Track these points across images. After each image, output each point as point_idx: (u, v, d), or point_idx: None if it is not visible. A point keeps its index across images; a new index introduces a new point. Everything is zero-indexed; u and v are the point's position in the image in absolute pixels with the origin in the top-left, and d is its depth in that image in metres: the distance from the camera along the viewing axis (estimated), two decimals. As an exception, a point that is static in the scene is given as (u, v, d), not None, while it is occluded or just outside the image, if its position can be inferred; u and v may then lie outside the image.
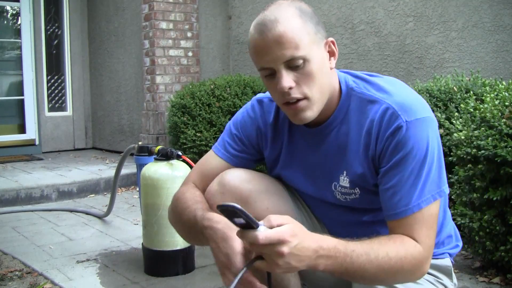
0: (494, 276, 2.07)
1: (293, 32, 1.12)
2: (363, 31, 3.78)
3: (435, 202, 1.15)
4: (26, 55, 5.61)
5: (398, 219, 1.14)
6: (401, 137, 1.13)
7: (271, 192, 1.34)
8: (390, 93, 1.18)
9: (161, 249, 2.19)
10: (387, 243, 1.09)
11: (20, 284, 2.14)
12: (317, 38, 1.17)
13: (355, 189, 1.26)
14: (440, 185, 1.16)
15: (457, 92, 2.57)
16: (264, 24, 1.14)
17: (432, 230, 1.14)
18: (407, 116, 1.14)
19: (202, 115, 3.80)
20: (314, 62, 1.15)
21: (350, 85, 1.24)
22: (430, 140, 1.14)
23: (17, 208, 3.58)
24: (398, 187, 1.14)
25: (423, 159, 1.13)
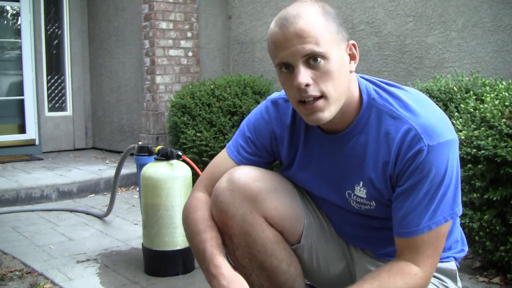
0: (494, 276, 2.07)
1: (314, 27, 1.10)
2: (363, 31, 3.78)
3: (446, 224, 1.16)
4: (26, 55, 5.61)
5: (406, 238, 1.16)
6: (421, 161, 1.12)
7: (280, 191, 1.34)
8: (414, 113, 1.15)
9: (161, 249, 2.19)
10: (387, 283, 1.12)
11: (20, 284, 2.14)
12: (338, 38, 1.14)
13: (371, 201, 1.25)
14: (453, 207, 1.16)
15: (457, 92, 2.57)
16: (286, 19, 1.13)
17: (437, 251, 1.17)
18: (430, 140, 1.11)
19: (202, 115, 3.80)
20: (334, 61, 1.12)
21: (372, 95, 1.21)
22: (449, 163, 1.13)
23: (17, 208, 3.58)
24: (411, 208, 1.15)
25: (440, 182, 1.13)
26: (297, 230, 1.35)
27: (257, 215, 1.29)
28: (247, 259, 1.33)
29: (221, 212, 1.31)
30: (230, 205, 1.29)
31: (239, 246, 1.32)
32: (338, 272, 1.42)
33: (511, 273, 2.02)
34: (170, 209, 2.16)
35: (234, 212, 1.29)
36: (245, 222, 1.28)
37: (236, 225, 1.29)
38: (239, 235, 1.30)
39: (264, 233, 1.30)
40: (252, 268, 1.34)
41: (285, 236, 1.34)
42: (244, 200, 1.28)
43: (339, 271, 1.42)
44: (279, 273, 1.32)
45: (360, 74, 1.28)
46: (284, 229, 1.33)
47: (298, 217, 1.35)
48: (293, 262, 1.35)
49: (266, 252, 1.30)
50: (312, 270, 1.42)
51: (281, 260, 1.32)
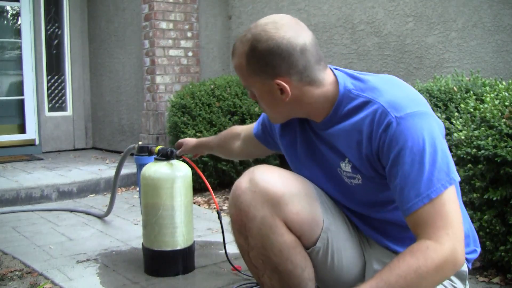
0: (494, 276, 2.07)
1: (240, 68, 1.31)
2: (363, 31, 3.78)
3: (447, 191, 1.13)
4: (26, 55, 5.61)
5: (412, 213, 1.14)
6: (393, 133, 1.16)
7: (302, 194, 1.33)
8: (381, 92, 1.22)
9: (161, 249, 2.19)
10: (396, 264, 1.08)
11: (20, 284, 2.15)
12: (261, 78, 1.28)
13: (357, 174, 1.30)
14: (449, 173, 1.15)
15: (457, 92, 2.57)
16: (232, 49, 1.34)
17: (449, 220, 1.11)
18: (396, 112, 1.17)
19: (202, 115, 3.80)
20: (259, 92, 1.32)
21: (348, 87, 1.28)
22: (425, 131, 1.15)
23: (17, 208, 3.58)
24: (403, 182, 1.15)
25: (422, 150, 1.13)
26: (315, 233, 1.34)
27: (277, 219, 1.28)
28: (261, 260, 1.32)
29: (240, 212, 1.30)
30: (252, 206, 1.28)
31: (255, 247, 1.31)
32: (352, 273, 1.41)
33: (511, 273, 2.02)
34: (170, 209, 2.16)
35: (255, 214, 1.28)
36: (264, 225, 1.28)
37: (255, 227, 1.29)
38: (256, 237, 1.29)
39: (283, 237, 1.29)
40: (264, 269, 1.33)
41: (302, 240, 1.33)
42: (266, 203, 1.28)
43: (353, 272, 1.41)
44: (292, 277, 1.32)
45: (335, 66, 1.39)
46: (303, 234, 1.32)
47: (317, 221, 1.34)
48: (307, 267, 1.35)
49: (282, 256, 1.30)
50: (325, 272, 1.40)
51: (296, 265, 1.32)
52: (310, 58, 1.25)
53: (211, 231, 2.92)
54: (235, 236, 1.36)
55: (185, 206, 2.20)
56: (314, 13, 4.12)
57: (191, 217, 2.25)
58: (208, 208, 3.52)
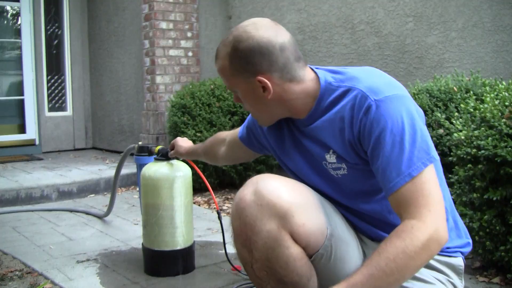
0: (494, 276, 2.07)
1: (223, 70, 1.36)
2: (363, 31, 3.78)
3: (427, 169, 1.16)
4: (26, 55, 5.62)
5: (394, 192, 1.16)
6: (373, 115, 1.20)
7: (308, 204, 1.32)
8: (359, 80, 1.27)
9: (161, 249, 2.19)
10: (384, 248, 1.09)
11: (20, 284, 2.15)
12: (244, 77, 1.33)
13: (342, 164, 1.32)
14: (428, 152, 1.18)
15: (457, 92, 2.57)
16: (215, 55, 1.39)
17: (430, 198, 1.14)
18: (375, 95, 1.21)
19: (202, 115, 3.80)
20: (243, 92, 1.37)
21: (328, 80, 1.33)
22: (404, 113, 1.19)
23: (17, 208, 3.58)
24: (385, 163, 1.18)
25: (402, 131, 1.17)
26: (319, 242, 1.33)
27: (284, 231, 1.26)
28: (265, 272, 1.30)
29: (245, 226, 1.28)
30: (258, 220, 1.26)
31: (259, 260, 1.29)
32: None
33: (511, 273, 2.02)
34: (170, 209, 2.16)
35: (261, 228, 1.26)
36: (270, 238, 1.26)
37: (261, 241, 1.26)
38: (261, 250, 1.27)
39: (289, 250, 1.27)
40: (268, 280, 1.31)
41: (307, 249, 1.32)
42: (273, 217, 1.25)
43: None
44: (297, 287, 1.31)
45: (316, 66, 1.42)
46: (308, 244, 1.31)
47: (322, 230, 1.32)
48: (312, 277, 1.34)
49: (288, 268, 1.28)
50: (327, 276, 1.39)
51: (302, 276, 1.30)
52: (289, 56, 1.31)
53: (211, 231, 2.92)
54: (238, 249, 1.33)
55: (185, 206, 2.20)
56: (314, 13, 4.12)
57: (191, 217, 2.25)
58: (208, 208, 3.52)
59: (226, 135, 1.85)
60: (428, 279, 1.31)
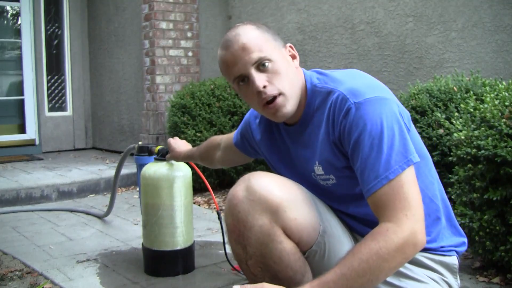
0: (494, 276, 2.07)
1: (255, 39, 1.29)
2: (363, 31, 3.78)
3: (405, 172, 1.16)
4: (26, 55, 5.62)
5: (371, 195, 1.17)
6: (352, 118, 1.21)
7: (299, 200, 1.33)
8: (342, 82, 1.28)
9: (161, 249, 2.19)
10: (358, 249, 1.11)
11: (20, 284, 2.15)
12: (277, 44, 1.32)
13: (330, 175, 1.33)
14: (406, 155, 1.18)
15: (457, 92, 2.57)
16: (229, 40, 1.31)
17: (407, 201, 1.14)
18: (355, 98, 1.22)
19: (202, 115, 3.80)
20: (279, 61, 1.30)
21: (314, 82, 1.35)
22: (384, 115, 1.19)
23: (17, 208, 3.58)
24: (363, 164, 1.19)
25: (380, 134, 1.17)
26: (312, 238, 1.34)
27: (276, 226, 1.27)
28: (259, 268, 1.31)
29: (238, 222, 1.29)
30: (250, 215, 1.27)
31: (253, 256, 1.30)
32: None
33: (511, 273, 2.02)
34: (170, 209, 2.16)
35: (253, 223, 1.27)
36: (263, 233, 1.27)
37: (254, 236, 1.28)
38: (255, 245, 1.28)
39: (282, 244, 1.28)
40: (263, 276, 1.32)
41: (300, 245, 1.33)
42: (265, 211, 1.27)
43: None
44: (292, 283, 1.31)
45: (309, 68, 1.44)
46: (301, 239, 1.32)
47: (314, 226, 1.33)
48: (307, 272, 1.35)
49: (282, 263, 1.29)
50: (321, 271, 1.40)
51: (296, 271, 1.31)
52: None
53: (211, 231, 2.92)
54: (232, 245, 1.35)
55: (185, 206, 2.20)
56: (314, 13, 4.12)
57: (191, 217, 2.25)
58: (208, 208, 3.53)
59: (221, 140, 1.84)
60: (422, 278, 1.31)
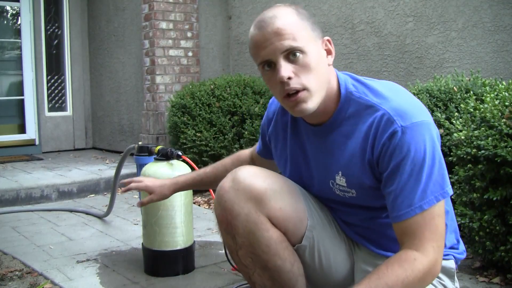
0: (494, 276, 2.07)
1: (290, 25, 1.19)
2: (363, 31, 3.78)
3: (439, 204, 1.16)
4: (26, 55, 5.61)
5: (401, 221, 1.16)
6: (397, 142, 1.16)
7: (285, 192, 1.35)
8: (386, 99, 1.21)
9: (161, 249, 2.19)
10: (385, 273, 1.11)
11: (20, 284, 2.15)
12: (314, 35, 1.23)
13: (352, 189, 1.29)
14: (443, 186, 1.17)
15: (457, 92, 2.57)
16: (264, 21, 1.22)
17: (436, 233, 1.16)
18: (402, 121, 1.16)
19: (202, 115, 3.80)
20: (311, 55, 1.21)
21: (349, 89, 1.28)
22: (427, 142, 1.16)
23: (17, 208, 3.58)
24: (399, 190, 1.16)
25: (422, 162, 1.15)
26: (300, 231, 1.35)
27: (261, 215, 1.29)
28: (250, 258, 1.33)
29: (225, 211, 1.31)
30: (235, 204, 1.29)
31: (242, 246, 1.32)
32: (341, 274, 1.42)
33: (511, 273, 2.02)
34: (170, 209, 2.16)
35: (239, 212, 1.29)
36: (249, 221, 1.29)
37: (241, 225, 1.30)
38: (243, 234, 1.30)
39: (268, 232, 1.30)
40: (254, 267, 1.34)
41: (287, 236, 1.35)
42: (249, 200, 1.29)
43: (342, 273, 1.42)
44: (282, 272, 1.33)
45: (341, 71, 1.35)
46: (288, 229, 1.34)
47: (301, 218, 1.35)
48: (296, 262, 1.36)
49: (270, 251, 1.31)
50: (314, 271, 1.42)
51: (285, 259, 1.33)
52: None
53: (211, 231, 2.92)
54: (223, 236, 1.37)
55: (185, 206, 2.20)
56: (314, 13, 4.12)
57: (191, 217, 2.25)
58: (208, 208, 3.52)
59: (250, 152, 1.75)
60: None
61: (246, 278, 1.40)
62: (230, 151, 3.66)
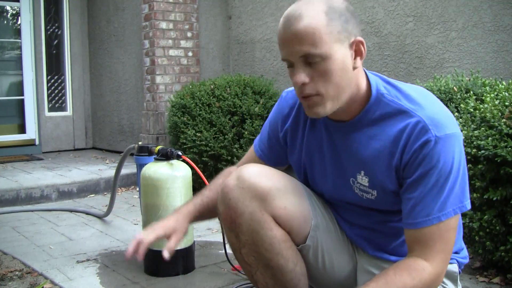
0: (494, 276, 2.07)
1: (314, 29, 1.13)
2: (363, 31, 3.77)
3: (455, 216, 1.17)
4: (26, 55, 5.61)
5: (416, 229, 1.17)
6: (428, 151, 1.15)
7: (289, 191, 1.34)
8: (421, 105, 1.19)
9: (161, 249, 2.17)
10: (392, 279, 1.12)
11: (20, 284, 2.15)
12: (342, 36, 1.16)
13: (373, 190, 1.28)
14: (462, 200, 1.18)
15: (457, 92, 2.57)
16: (288, 19, 1.16)
17: (447, 245, 1.17)
18: (437, 131, 1.15)
19: (202, 115, 3.80)
20: (333, 61, 1.15)
21: (381, 91, 1.24)
22: (456, 155, 1.16)
23: (17, 208, 3.58)
24: (420, 198, 1.16)
25: (448, 174, 1.15)
26: (304, 230, 1.35)
27: (265, 214, 1.29)
28: (253, 257, 1.33)
29: (229, 209, 1.31)
30: (240, 202, 1.29)
31: (246, 244, 1.32)
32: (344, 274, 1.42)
33: (511, 273, 2.02)
34: (170, 209, 2.16)
35: (243, 210, 1.29)
36: (253, 220, 1.29)
37: (245, 223, 1.30)
38: (246, 232, 1.30)
39: (272, 231, 1.30)
40: (257, 266, 1.34)
41: (291, 236, 1.34)
42: (254, 198, 1.29)
43: (345, 273, 1.42)
44: (285, 272, 1.33)
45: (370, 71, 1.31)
46: (292, 229, 1.33)
47: (305, 218, 1.35)
48: (299, 261, 1.36)
49: (273, 250, 1.31)
50: (317, 271, 1.42)
51: (288, 259, 1.32)
52: None
53: (211, 231, 2.92)
54: (227, 234, 1.37)
55: (185, 206, 2.20)
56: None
57: (191, 217, 2.25)
58: (208, 208, 3.52)
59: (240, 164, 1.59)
60: None
61: (249, 277, 1.40)
62: (230, 151, 3.67)
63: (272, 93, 3.92)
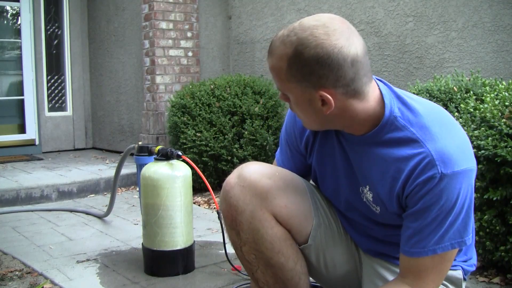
0: (494, 276, 2.07)
1: (278, 72, 1.17)
2: (363, 31, 3.78)
3: (453, 250, 1.17)
4: (26, 55, 5.61)
5: (410, 258, 1.17)
6: (432, 187, 1.12)
7: (290, 189, 1.34)
8: (433, 136, 1.14)
9: (161, 249, 2.19)
10: None
11: (20, 284, 2.15)
12: (303, 85, 1.15)
13: (376, 206, 1.28)
14: (463, 235, 1.17)
15: (457, 92, 2.57)
16: (271, 47, 1.19)
17: (440, 276, 1.17)
18: (444, 168, 1.11)
19: (202, 115, 3.80)
20: (294, 99, 1.20)
21: (394, 113, 1.19)
22: (462, 192, 1.13)
23: (17, 208, 3.58)
24: (418, 230, 1.16)
25: (450, 210, 1.13)
26: (305, 229, 1.35)
27: (266, 212, 1.29)
28: (253, 255, 1.33)
29: (230, 207, 1.32)
30: (240, 200, 1.30)
31: (247, 242, 1.32)
32: (345, 274, 1.43)
33: (511, 273, 2.02)
34: (170, 209, 2.16)
35: (244, 208, 1.30)
36: (254, 218, 1.29)
37: (245, 221, 1.30)
38: (247, 231, 1.31)
39: (273, 230, 1.30)
40: (258, 264, 1.34)
41: (292, 234, 1.35)
42: (255, 196, 1.29)
43: (346, 273, 1.43)
44: (285, 270, 1.33)
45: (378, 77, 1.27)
46: (292, 227, 1.34)
47: (307, 217, 1.35)
48: (300, 260, 1.36)
49: (274, 249, 1.31)
50: (319, 271, 1.42)
51: (288, 257, 1.33)
52: (359, 70, 1.13)
53: (211, 231, 2.92)
54: (228, 232, 1.38)
55: (185, 206, 2.20)
56: (314, 13, 4.10)
57: (191, 217, 2.25)
58: (208, 208, 3.52)
59: None
60: None
61: (249, 275, 1.40)
62: (230, 151, 3.67)
63: (272, 93, 3.92)
